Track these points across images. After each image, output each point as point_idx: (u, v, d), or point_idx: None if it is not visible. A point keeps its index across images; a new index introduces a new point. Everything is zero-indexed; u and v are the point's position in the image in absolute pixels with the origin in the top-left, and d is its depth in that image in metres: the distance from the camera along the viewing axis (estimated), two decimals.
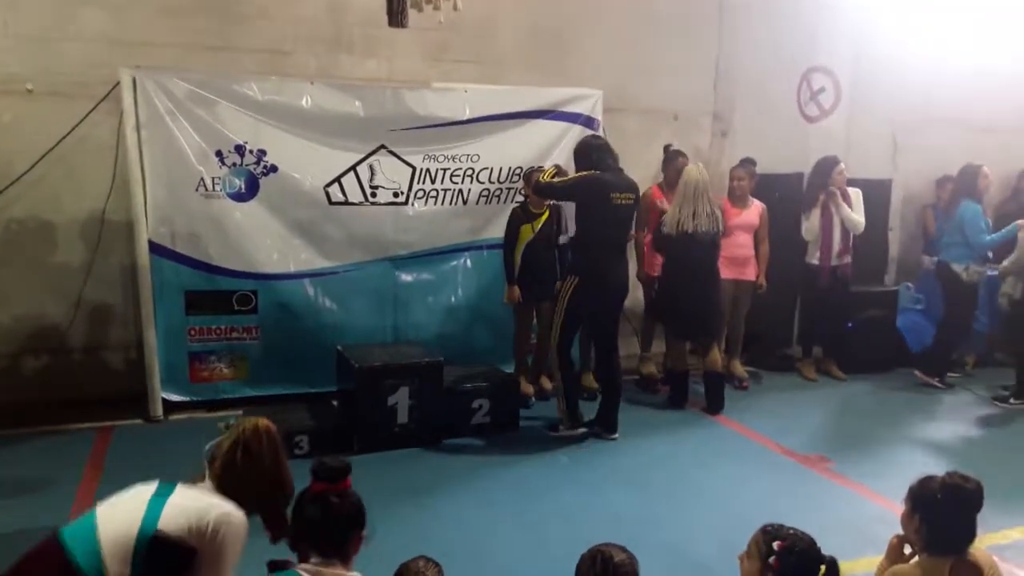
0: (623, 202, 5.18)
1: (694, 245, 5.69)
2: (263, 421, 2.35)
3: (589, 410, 5.51)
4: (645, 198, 6.36)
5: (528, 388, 5.96)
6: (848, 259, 6.66)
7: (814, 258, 6.63)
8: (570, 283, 5.20)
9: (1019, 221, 6.40)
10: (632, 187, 5.28)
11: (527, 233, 5.74)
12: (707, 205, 5.70)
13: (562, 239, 5.89)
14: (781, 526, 2.40)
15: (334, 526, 2.31)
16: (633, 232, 5.91)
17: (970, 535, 2.54)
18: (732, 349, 6.78)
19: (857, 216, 6.54)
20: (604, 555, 2.21)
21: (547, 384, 6.16)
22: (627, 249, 5.56)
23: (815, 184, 6.64)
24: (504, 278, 5.83)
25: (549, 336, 5.48)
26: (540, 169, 5.63)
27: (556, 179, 5.30)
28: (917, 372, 6.75)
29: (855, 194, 6.59)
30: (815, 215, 6.54)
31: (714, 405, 5.95)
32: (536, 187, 5.40)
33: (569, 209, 5.67)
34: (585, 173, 5.17)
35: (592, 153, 5.21)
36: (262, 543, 2.37)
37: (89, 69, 5.43)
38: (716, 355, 6.00)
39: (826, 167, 6.55)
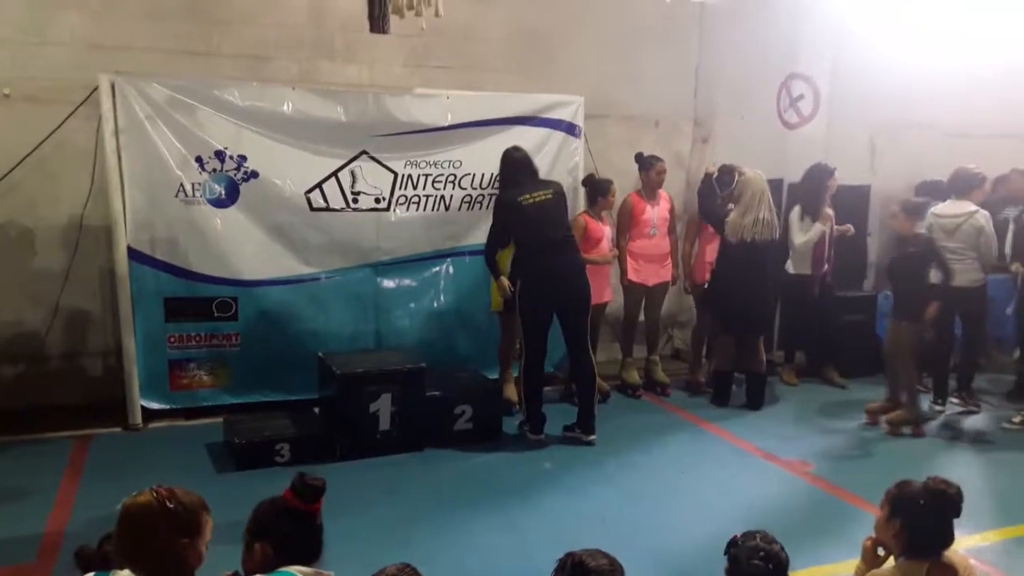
0: (537, 200, 5.23)
1: (753, 252, 5.90)
2: (137, 505, 2.09)
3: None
4: (625, 206, 6.39)
5: (513, 394, 5.95)
6: (829, 266, 6.72)
7: (805, 268, 6.61)
8: (517, 289, 5.30)
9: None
10: (547, 184, 5.41)
11: None
12: (767, 212, 5.90)
13: None
14: (756, 533, 2.40)
15: (319, 537, 2.35)
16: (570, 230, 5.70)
17: (948, 539, 2.57)
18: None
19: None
20: (574, 559, 2.19)
21: None
22: (569, 243, 5.40)
23: (811, 191, 6.58)
24: (493, 284, 5.83)
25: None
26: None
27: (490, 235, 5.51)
28: None
29: None
30: (816, 228, 6.47)
31: (754, 402, 6.19)
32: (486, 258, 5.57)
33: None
34: (496, 206, 5.53)
35: (504, 170, 5.49)
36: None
37: (67, 74, 5.39)
38: (761, 355, 6.21)
39: (820, 176, 6.52)
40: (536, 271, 5.24)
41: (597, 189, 6.07)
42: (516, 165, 5.41)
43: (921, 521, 2.56)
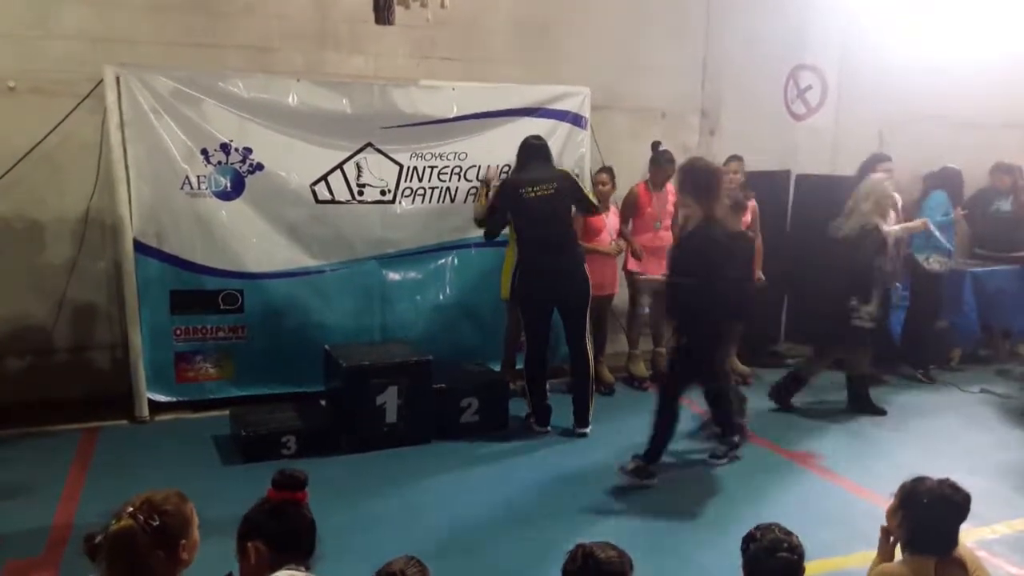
0: (538, 193, 5.19)
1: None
2: (120, 533, 2.04)
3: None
4: (631, 196, 6.38)
5: (514, 383, 5.97)
6: None
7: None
8: (516, 282, 5.36)
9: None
10: (550, 178, 5.27)
11: None
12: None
13: None
14: (770, 525, 2.39)
15: (312, 532, 2.34)
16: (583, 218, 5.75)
17: (951, 542, 2.57)
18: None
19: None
20: (585, 551, 2.19)
21: None
22: (569, 240, 5.33)
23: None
24: (504, 272, 5.84)
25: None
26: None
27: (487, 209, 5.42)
28: (906, 367, 6.81)
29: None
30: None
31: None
32: (478, 224, 5.50)
33: None
34: (498, 185, 5.42)
35: (521, 152, 5.38)
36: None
37: (72, 66, 5.37)
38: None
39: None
40: (532, 267, 5.24)
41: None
42: (529, 151, 5.33)
43: (922, 520, 2.56)
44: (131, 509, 2.06)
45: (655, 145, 6.36)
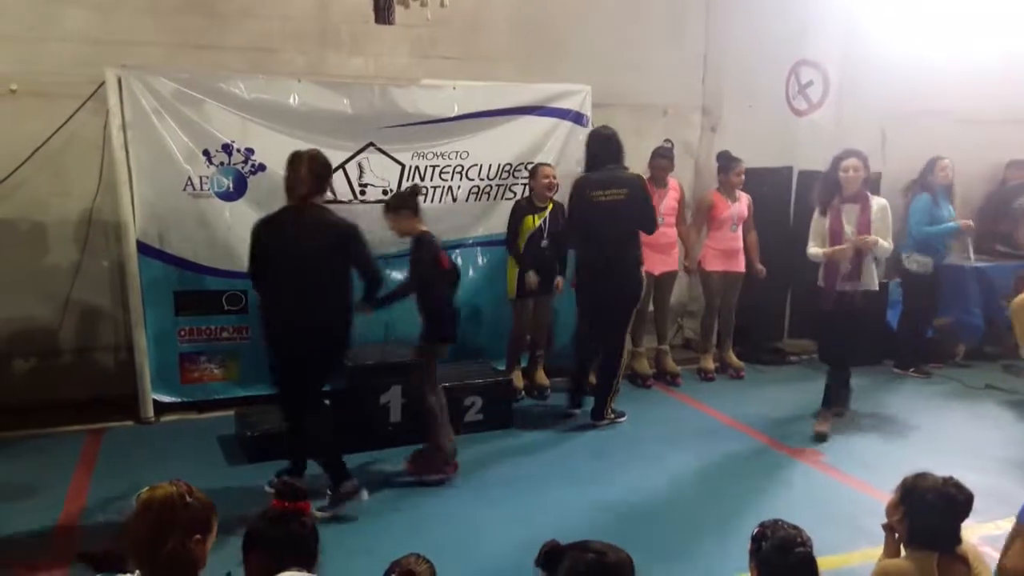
0: (607, 199, 5.20)
1: None
2: (157, 497, 2.06)
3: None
4: None
5: (519, 382, 5.97)
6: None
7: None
8: (576, 279, 5.47)
9: (963, 221, 6.55)
10: (622, 183, 5.28)
11: (529, 224, 5.75)
12: None
13: (543, 242, 5.84)
14: (777, 522, 2.40)
15: (315, 540, 2.36)
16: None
17: (953, 540, 2.57)
18: (723, 340, 6.80)
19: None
20: (575, 550, 2.19)
21: (544, 380, 6.16)
22: (630, 242, 5.36)
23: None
24: (509, 271, 5.91)
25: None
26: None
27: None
28: (894, 367, 6.80)
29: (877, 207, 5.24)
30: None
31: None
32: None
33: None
34: (573, 184, 5.44)
35: (591, 147, 5.43)
36: None
37: (74, 69, 5.38)
38: None
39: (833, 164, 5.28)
40: (586, 269, 5.39)
41: None
42: (602, 142, 5.35)
43: (924, 517, 2.57)
44: (170, 481, 2.09)
45: (666, 143, 6.40)
